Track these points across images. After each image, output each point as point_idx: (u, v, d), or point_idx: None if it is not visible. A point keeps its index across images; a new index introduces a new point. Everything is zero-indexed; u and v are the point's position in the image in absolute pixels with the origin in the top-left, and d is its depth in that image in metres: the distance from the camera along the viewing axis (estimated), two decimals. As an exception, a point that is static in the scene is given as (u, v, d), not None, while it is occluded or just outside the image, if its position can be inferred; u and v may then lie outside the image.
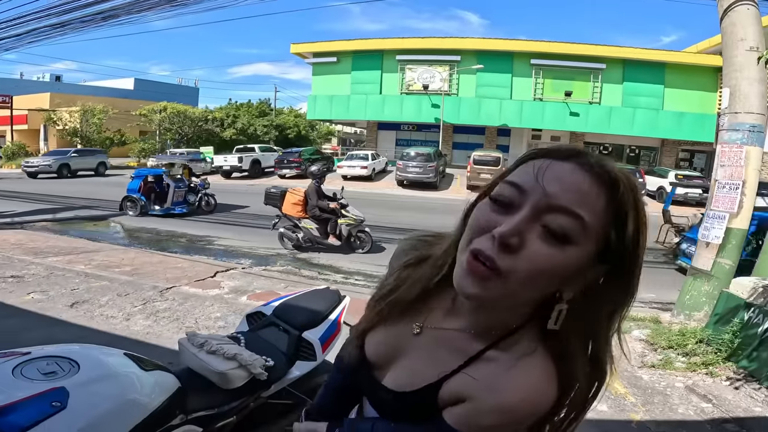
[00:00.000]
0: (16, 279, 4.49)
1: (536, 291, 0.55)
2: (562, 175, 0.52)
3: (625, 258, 0.54)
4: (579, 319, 0.57)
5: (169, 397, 1.18)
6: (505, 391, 0.56)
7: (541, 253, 0.51)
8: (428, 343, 0.66)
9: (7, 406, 0.91)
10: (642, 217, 0.54)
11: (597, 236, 0.52)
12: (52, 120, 26.94)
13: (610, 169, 0.53)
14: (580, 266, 0.53)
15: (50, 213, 10.25)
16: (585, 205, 0.51)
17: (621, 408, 2.78)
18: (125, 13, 11.79)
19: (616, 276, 0.55)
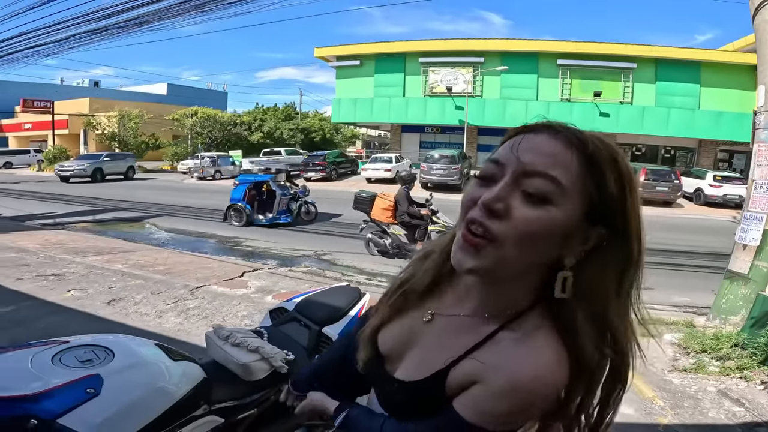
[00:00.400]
0: (57, 277, 4.76)
1: (530, 254, 0.56)
2: (534, 144, 0.57)
3: (615, 216, 0.56)
4: (584, 288, 0.57)
5: (195, 387, 1.23)
6: (513, 369, 0.55)
7: (526, 215, 0.54)
8: (439, 330, 0.67)
9: (45, 392, 0.96)
10: (625, 175, 0.56)
11: (578, 196, 0.55)
12: (92, 125, 28.12)
13: (578, 133, 0.58)
14: (566, 226, 0.55)
15: (90, 215, 10.78)
16: (557, 166, 0.55)
17: (648, 411, 2.71)
18: (156, 19, 12.31)
19: (614, 238, 0.56)
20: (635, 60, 20.67)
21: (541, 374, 0.55)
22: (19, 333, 3.27)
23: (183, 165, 24.76)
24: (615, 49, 20.79)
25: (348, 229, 9.33)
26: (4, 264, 5.21)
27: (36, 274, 4.83)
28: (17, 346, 1.14)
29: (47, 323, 3.50)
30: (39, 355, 1.07)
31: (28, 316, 3.63)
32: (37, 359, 1.06)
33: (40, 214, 10.61)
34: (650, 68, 20.87)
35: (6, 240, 6.67)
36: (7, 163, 28.96)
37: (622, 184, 0.55)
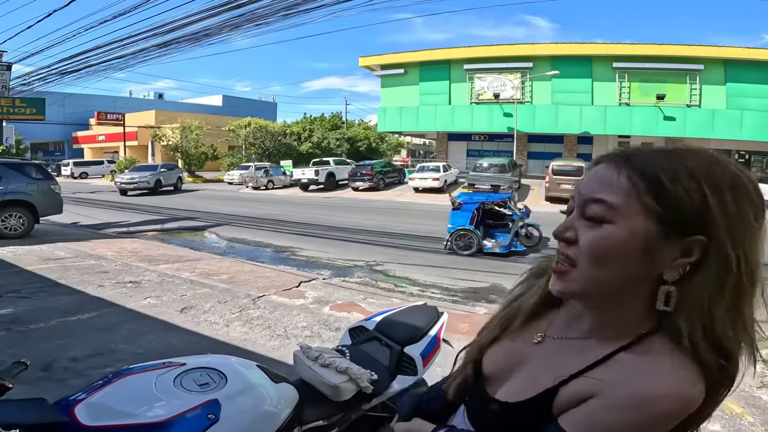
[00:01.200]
0: (134, 284, 5.15)
1: (610, 272, 0.58)
2: (590, 175, 0.63)
3: (702, 224, 0.54)
4: (692, 301, 0.55)
5: (293, 409, 1.28)
6: (638, 384, 0.54)
7: (589, 236, 0.58)
8: (549, 351, 0.67)
9: (172, 419, 1.03)
10: (698, 180, 0.54)
11: (636, 211, 0.56)
12: (158, 136, 30.11)
13: (623, 152, 0.61)
14: (634, 241, 0.56)
15: (158, 223, 11.59)
16: (605, 189, 0.58)
17: (737, 428, 2.55)
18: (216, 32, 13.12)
19: (711, 246, 0.54)
20: (701, 61, 19.43)
21: (672, 392, 0.53)
22: (105, 338, 3.56)
23: (229, 176, 26.01)
24: (679, 51, 19.62)
25: (399, 240, 9.39)
26: (87, 271, 5.71)
27: (115, 281, 5.25)
28: (141, 368, 1.24)
29: (128, 330, 3.78)
30: (161, 379, 1.15)
31: (110, 323, 3.94)
32: (160, 383, 1.13)
33: (115, 223, 11.55)
34: (718, 70, 19.51)
35: (86, 248, 7.31)
36: (83, 173, 31.72)
37: (698, 188, 0.54)
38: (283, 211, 14.29)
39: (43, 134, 37.94)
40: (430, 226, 11.19)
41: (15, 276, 5.42)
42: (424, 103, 24.24)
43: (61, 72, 16.37)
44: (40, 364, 3.02)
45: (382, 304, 4.57)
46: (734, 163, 0.58)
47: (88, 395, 1.06)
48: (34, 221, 8.40)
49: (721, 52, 19.31)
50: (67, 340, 3.49)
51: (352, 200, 18.01)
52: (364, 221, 12.00)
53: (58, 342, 3.43)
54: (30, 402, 0.86)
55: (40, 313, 4.09)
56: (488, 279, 6.32)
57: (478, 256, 7.72)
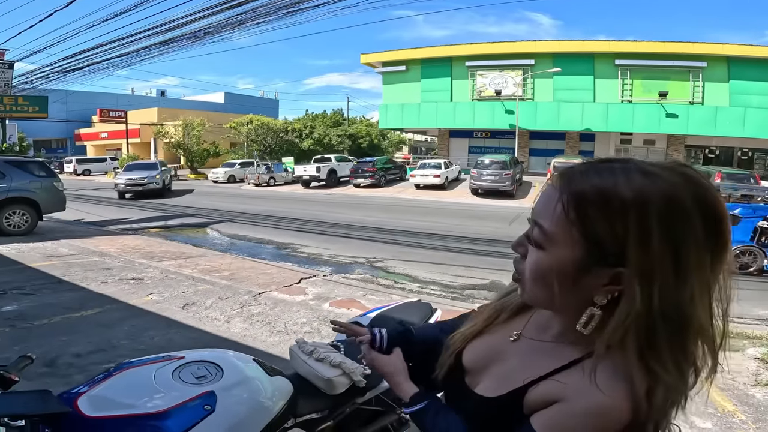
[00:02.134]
0: (137, 281, 5.21)
1: (549, 291, 0.60)
2: (542, 193, 0.64)
3: (618, 256, 0.55)
4: (607, 327, 0.57)
5: (287, 401, 1.31)
6: (595, 392, 0.56)
7: (530, 258, 0.62)
8: (523, 350, 0.70)
9: (170, 410, 1.06)
10: (619, 204, 0.54)
11: (568, 240, 0.58)
12: (160, 133, 30.15)
13: (567, 173, 0.60)
14: (563, 268, 0.59)
15: (161, 220, 11.66)
16: (544, 213, 0.60)
17: (728, 426, 2.58)
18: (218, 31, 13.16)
19: (631, 278, 0.55)
20: (704, 59, 19.37)
21: (625, 402, 0.55)
22: (108, 334, 3.62)
23: (214, 174, 25.28)
24: (681, 48, 19.55)
25: (400, 236, 9.43)
26: (90, 268, 5.77)
27: (118, 278, 5.31)
28: (141, 362, 1.28)
29: (130, 326, 3.84)
30: (161, 371, 1.19)
31: (113, 319, 4.00)
32: (159, 375, 1.17)
33: (118, 220, 11.63)
34: (721, 67, 19.45)
35: (90, 244, 7.38)
36: (86, 170, 31.82)
37: (621, 220, 0.54)
38: (285, 207, 14.34)
39: (46, 132, 38.04)
40: (430, 222, 11.23)
41: (19, 273, 5.48)
42: (426, 100, 24.23)
43: (64, 70, 16.44)
44: (44, 359, 3.08)
45: (382, 301, 4.61)
46: (690, 179, 0.55)
47: (90, 387, 1.10)
48: (38, 218, 8.47)
49: (724, 50, 19.24)
50: (71, 336, 3.55)
51: (354, 197, 18.05)
52: (365, 218, 12.04)
53: (62, 338, 3.49)
54: (35, 394, 0.90)
55: (43, 309, 4.15)
56: (488, 276, 6.36)
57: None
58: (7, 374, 1.01)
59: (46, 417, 0.89)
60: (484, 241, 8.99)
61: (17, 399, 0.91)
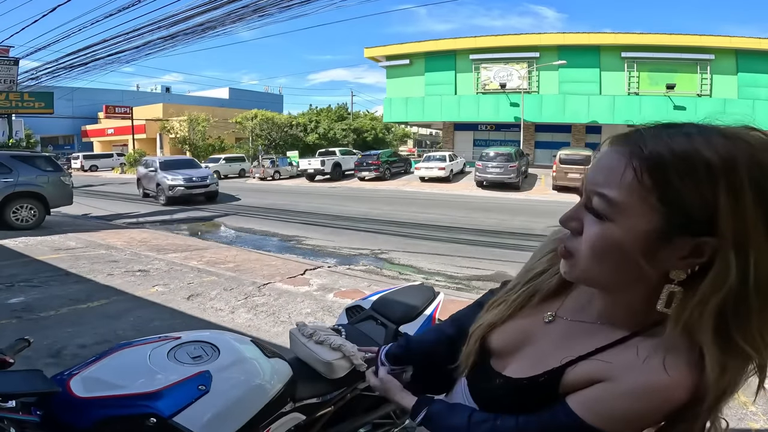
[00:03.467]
0: (143, 273, 5.24)
1: (610, 268, 0.55)
2: (599, 160, 0.57)
3: (713, 224, 0.49)
4: (690, 303, 0.52)
5: (285, 384, 1.29)
6: (648, 371, 0.53)
7: (590, 232, 0.56)
8: (560, 331, 0.66)
9: (163, 390, 1.05)
10: (704, 167, 0.49)
11: (641, 210, 0.52)
12: (166, 129, 30.31)
13: (635, 135, 0.55)
14: (635, 241, 0.53)
15: (167, 214, 11.72)
16: (608, 182, 0.54)
17: (740, 417, 2.55)
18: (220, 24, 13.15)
19: (721, 248, 0.50)
20: (712, 51, 19.12)
21: (681, 383, 0.52)
22: (113, 325, 3.65)
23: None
24: (689, 41, 19.30)
25: (405, 228, 9.41)
26: (97, 261, 5.82)
27: (124, 270, 5.34)
28: (136, 342, 1.27)
29: (135, 317, 3.87)
30: (155, 351, 1.17)
31: (119, 310, 4.03)
32: (154, 355, 1.16)
33: (125, 214, 11.71)
34: (730, 59, 19.20)
35: (97, 238, 7.43)
36: (93, 166, 32.06)
37: (710, 185, 0.49)
38: (290, 201, 14.36)
39: (52, 128, 38.30)
40: (435, 215, 11.19)
41: (26, 266, 5.54)
42: (430, 93, 24.09)
43: (69, 66, 16.52)
44: (50, 350, 3.11)
45: (386, 292, 4.61)
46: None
47: (83, 368, 1.09)
48: (45, 212, 8.55)
49: (732, 42, 18.98)
50: (77, 327, 3.58)
51: (358, 190, 18.04)
52: (369, 210, 12.03)
53: (68, 329, 3.52)
54: (26, 373, 0.90)
55: (50, 301, 4.19)
56: (493, 267, 6.33)
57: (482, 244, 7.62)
58: (1, 356, 1.01)
59: (37, 397, 0.88)
60: (490, 232, 8.95)
61: (7, 378, 0.91)
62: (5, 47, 15.86)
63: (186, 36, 14.34)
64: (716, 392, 0.52)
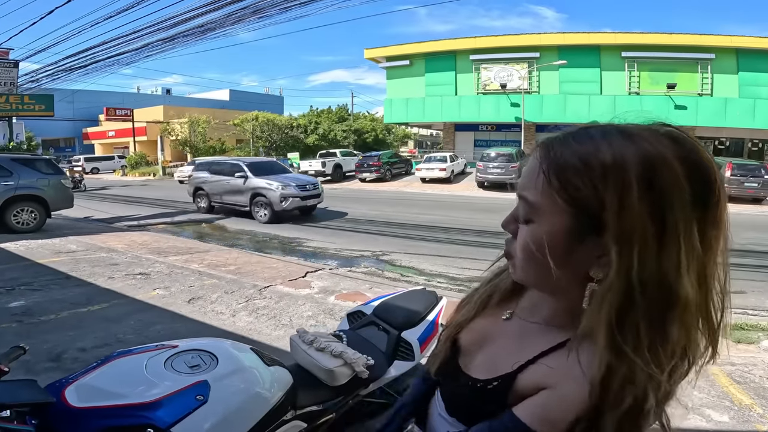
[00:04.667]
0: (143, 276, 5.22)
1: (536, 268, 0.57)
2: (524, 166, 0.61)
3: (609, 224, 0.50)
4: (594, 304, 0.53)
5: (285, 392, 1.28)
6: (578, 377, 0.53)
7: (521, 234, 0.59)
8: (514, 331, 0.68)
9: (160, 400, 1.03)
10: (600, 166, 0.51)
11: (553, 209, 0.54)
12: (167, 131, 30.29)
13: (547, 141, 0.58)
14: (554, 240, 0.55)
15: (168, 216, 11.70)
16: (528, 186, 0.57)
17: (745, 419, 2.53)
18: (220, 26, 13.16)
19: (618, 246, 0.50)
20: (713, 50, 19.10)
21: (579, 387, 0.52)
22: (114, 329, 3.63)
23: (180, 172, 22.56)
24: (689, 40, 19.27)
25: (406, 230, 9.38)
26: (98, 264, 5.80)
27: (125, 273, 5.33)
28: (133, 351, 1.25)
29: (136, 320, 3.85)
30: (152, 360, 1.16)
31: (119, 313, 4.01)
32: (151, 364, 1.14)
33: (126, 216, 11.69)
34: (730, 59, 19.17)
35: (98, 241, 7.42)
36: (95, 168, 32.08)
37: (601, 183, 0.51)
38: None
39: (54, 131, 38.36)
40: (436, 216, 11.17)
41: (27, 269, 5.52)
42: (430, 94, 24.08)
43: (69, 68, 16.52)
44: (50, 354, 3.09)
45: (387, 294, 4.59)
46: (674, 138, 0.52)
47: (79, 377, 1.07)
48: (46, 216, 8.54)
49: (732, 41, 18.96)
50: (77, 331, 3.56)
51: (360, 191, 18.02)
52: (371, 212, 12.01)
53: (68, 333, 3.50)
54: (20, 383, 0.88)
55: (51, 305, 4.17)
56: (494, 269, 6.30)
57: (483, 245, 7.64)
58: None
59: (31, 407, 0.86)
60: (491, 233, 8.91)
61: (0, 388, 0.89)
62: (5, 50, 15.87)
63: (185, 38, 14.35)
64: (615, 399, 0.50)
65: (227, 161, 12.11)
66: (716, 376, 3.03)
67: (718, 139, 21.54)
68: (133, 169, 29.55)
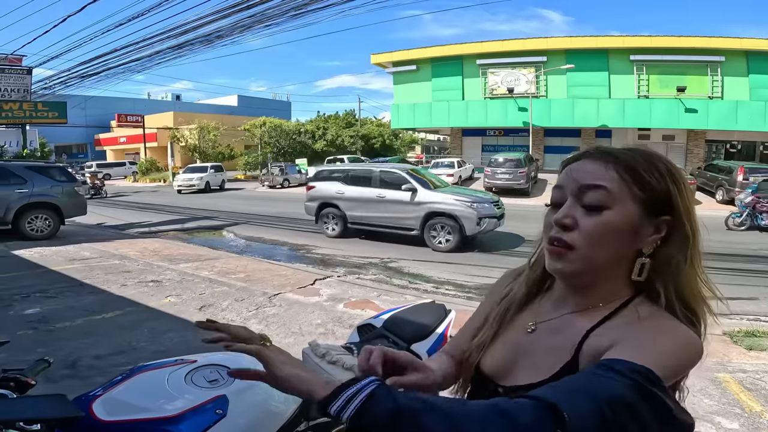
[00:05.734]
0: (156, 283, 5.30)
1: (604, 252, 0.67)
2: (580, 167, 0.70)
3: (669, 205, 0.67)
4: (665, 269, 0.67)
5: (299, 405, 1.30)
6: (657, 333, 0.62)
7: (589, 222, 0.66)
8: (544, 335, 0.73)
9: (182, 414, 1.07)
10: (666, 172, 0.67)
11: (627, 197, 0.66)
12: (176, 137, 30.59)
13: (606, 150, 0.70)
14: (627, 223, 0.66)
15: (178, 223, 11.84)
16: (601, 178, 0.67)
17: (756, 427, 2.52)
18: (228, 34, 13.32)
19: (676, 222, 0.67)
20: (722, 53, 18.88)
21: (692, 343, 0.63)
22: (128, 336, 3.69)
23: (180, 180, 22.06)
24: (698, 43, 19.08)
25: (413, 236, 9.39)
26: (111, 271, 5.90)
27: (138, 280, 5.41)
28: (154, 365, 1.29)
29: (149, 328, 3.91)
30: (173, 375, 1.20)
31: (133, 321, 4.08)
32: (172, 379, 1.18)
33: (138, 223, 11.85)
34: (740, 61, 18.95)
35: (110, 248, 7.54)
36: (106, 174, 32.47)
37: (665, 179, 0.67)
38: (299, 209, 14.39)
39: (66, 137, 39.00)
40: (444, 222, 11.15)
41: (42, 276, 5.63)
42: (437, 99, 24.08)
43: (82, 75, 16.81)
44: (66, 362, 3.15)
45: (396, 301, 4.61)
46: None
47: (105, 391, 1.12)
48: (60, 223, 8.69)
49: (742, 44, 18.74)
50: (92, 338, 3.63)
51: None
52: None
53: (83, 340, 3.57)
54: (50, 398, 0.92)
55: (66, 312, 4.26)
56: (502, 276, 6.29)
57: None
58: (23, 378, 1.03)
59: (60, 421, 0.90)
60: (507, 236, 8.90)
61: (32, 403, 0.93)
62: (18, 56, 16.16)
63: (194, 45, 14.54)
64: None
65: (380, 170, 9.35)
66: (727, 383, 3.01)
67: (730, 142, 21.26)
68: (143, 175, 29.89)
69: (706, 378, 3.06)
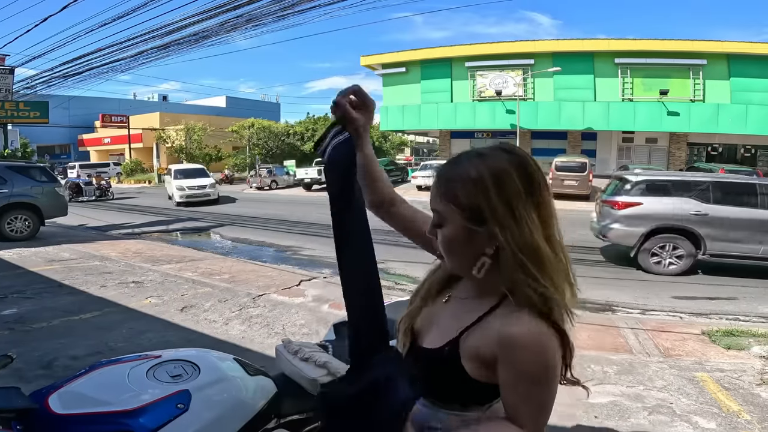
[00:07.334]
0: (137, 284, 5.22)
1: (455, 258, 0.79)
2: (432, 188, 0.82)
3: (486, 215, 0.73)
4: (501, 267, 0.74)
5: (268, 401, 1.31)
6: (525, 323, 0.72)
7: (438, 236, 0.80)
8: (453, 308, 0.86)
9: (141, 408, 1.06)
10: (473, 180, 0.74)
11: (453, 213, 0.76)
12: (162, 138, 30.22)
13: (440, 172, 0.80)
14: (458, 234, 0.76)
15: (163, 224, 11.68)
16: (433, 201, 0.79)
17: (733, 426, 2.54)
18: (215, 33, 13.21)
19: (495, 229, 0.74)
20: (704, 56, 19.26)
21: (537, 336, 0.71)
22: (105, 337, 3.63)
23: (180, 191, 18.26)
24: (681, 46, 19.45)
25: (401, 238, 9.40)
26: (90, 272, 5.80)
27: (118, 281, 5.32)
28: (116, 360, 1.27)
29: (128, 329, 3.85)
30: (135, 370, 1.18)
31: (112, 322, 4.01)
32: (133, 374, 1.17)
33: (121, 224, 11.67)
34: (722, 64, 19.34)
35: (91, 249, 7.41)
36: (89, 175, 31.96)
37: (477, 190, 0.73)
38: (286, 210, 14.35)
39: (49, 137, 38.24)
40: (431, 223, 11.19)
41: (20, 277, 5.51)
42: (426, 101, 24.18)
43: (64, 74, 16.52)
44: (41, 362, 3.09)
45: (380, 302, 4.59)
46: (511, 153, 0.76)
47: (63, 385, 1.10)
48: (40, 223, 8.52)
49: (724, 47, 19.14)
50: (69, 339, 3.56)
51: (355, 199, 18.00)
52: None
53: (60, 341, 3.50)
54: (3, 390, 0.90)
55: (43, 313, 4.17)
56: (488, 276, 6.32)
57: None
58: None
59: (13, 412, 0.89)
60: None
61: None
62: (1, 56, 15.87)
63: (180, 45, 14.38)
64: (561, 326, 0.75)
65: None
66: (705, 382, 3.05)
67: (711, 145, 21.70)
68: (128, 176, 29.46)
69: (684, 377, 3.10)
